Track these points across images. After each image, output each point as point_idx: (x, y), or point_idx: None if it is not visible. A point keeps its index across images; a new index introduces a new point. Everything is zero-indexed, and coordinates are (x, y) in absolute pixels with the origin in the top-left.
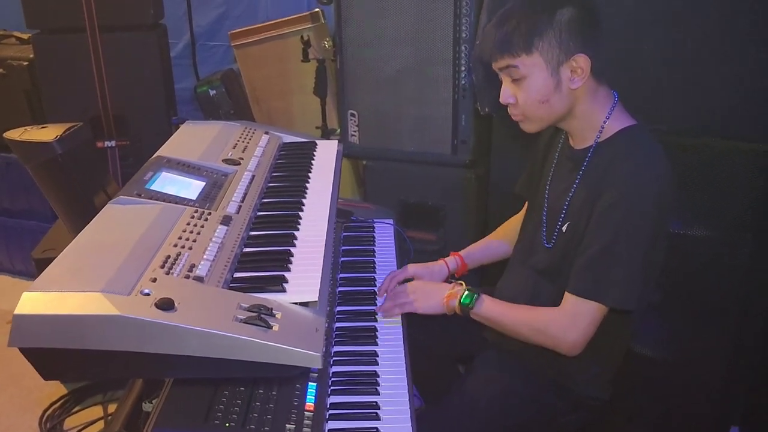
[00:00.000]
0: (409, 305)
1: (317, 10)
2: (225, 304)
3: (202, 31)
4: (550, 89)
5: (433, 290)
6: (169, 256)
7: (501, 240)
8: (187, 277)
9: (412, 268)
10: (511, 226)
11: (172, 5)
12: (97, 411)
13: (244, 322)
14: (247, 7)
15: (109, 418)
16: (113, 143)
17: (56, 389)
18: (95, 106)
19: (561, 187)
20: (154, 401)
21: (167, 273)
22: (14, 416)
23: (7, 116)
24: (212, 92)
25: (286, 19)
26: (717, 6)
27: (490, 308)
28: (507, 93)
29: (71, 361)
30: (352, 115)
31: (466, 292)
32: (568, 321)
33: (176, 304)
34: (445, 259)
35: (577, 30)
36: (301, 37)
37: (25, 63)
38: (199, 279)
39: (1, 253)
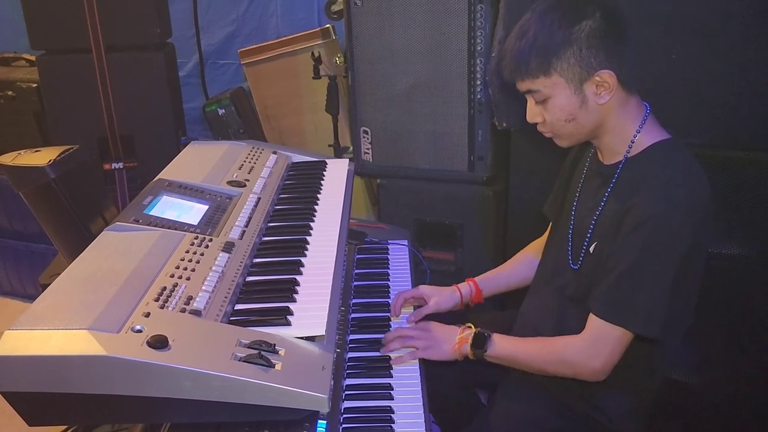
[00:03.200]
0: (421, 352)
1: (328, 26)
2: (223, 341)
3: (211, 49)
4: (575, 107)
5: (443, 337)
6: (164, 288)
7: (526, 258)
8: (183, 311)
9: (423, 289)
10: (533, 249)
11: (182, 24)
12: None
13: (244, 361)
14: (257, 24)
15: None
16: (120, 165)
17: None
18: (102, 127)
19: (588, 205)
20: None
21: (162, 307)
22: None
23: (16, 138)
24: (221, 111)
25: (297, 35)
26: (747, 15)
27: (504, 347)
28: (533, 113)
29: (57, 406)
30: (365, 132)
31: (476, 335)
32: (590, 346)
33: (170, 342)
34: (459, 285)
35: (599, 44)
36: (312, 53)
37: (34, 85)
38: (196, 313)
39: (13, 278)
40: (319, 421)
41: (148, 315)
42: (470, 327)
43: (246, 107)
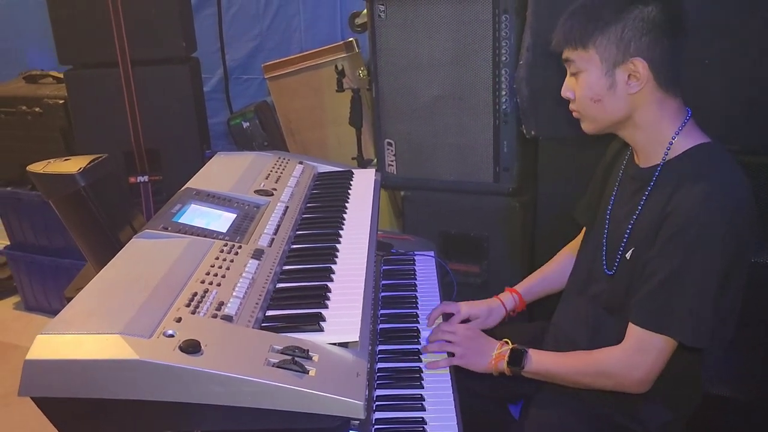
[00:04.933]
0: (458, 359)
1: (351, 39)
2: (256, 347)
3: (235, 64)
4: (602, 89)
5: (481, 349)
6: (195, 294)
7: (561, 264)
8: (215, 316)
9: (465, 308)
10: (566, 255)
11: (206, 40)
12: None
13: (277, 366)
14: (280, 39)
15: None
16: (146, 178)
17: None
18: (128, 141)
19: (624, 210)
20: None
21: (193, 312)
22: None
23: (43, 154)
24: (245, 124)
25: (320, 49)
26: None
27: (541, 362)
28: (567, 86)
29: (89, 413)
30: (389, 144)
31: (513, 352)
32: (632, 356)
33: (203, 347)
34: (500, 296)
35: (645, 32)
36: (336, 66)
37: (61, 101)
38: (228, 318)
39: (38, 292)
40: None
41: (179, 320)
42: (507, 343)
43: (270, 121)
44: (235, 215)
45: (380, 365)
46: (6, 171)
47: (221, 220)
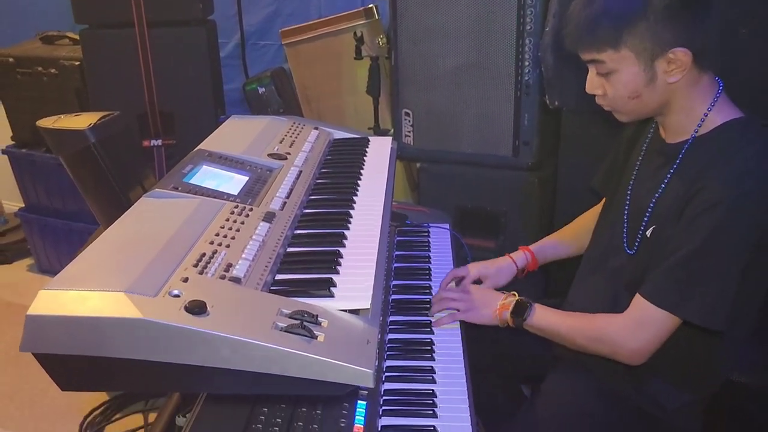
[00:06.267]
0: (462, 314)
1: (371, 5)
2: (264, 310)
3: (252, 30)
4: (641, 85)
5: (485, 301)
6: (204, 254)
7: (577, 231)
8: (223, 277)
9: (475, 269)
10: (591, 216)
11: (223, 5)
12: (137, 419)
13: (285, 331)
14: (299, 4)
15: (149, 427)
16: (159, 142)
17: (99, 395)
18: (142, 103)
19: (647, 186)
20: (187, 415)
21: (201, 273)
22: (55, 421)
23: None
24: (261, 90)
25: (339, 15)
26: None
27: (544, 318)
28: (594, 84)
29: (90, 371)
30: (407, 114)
31: (518, 303)
32: (632, 326)
33: (209, 308)
34: (513, 254)
35: (676, 17)
36: (354, 33)
37: (77, 63)
38: (236, 280)
39: (51, 255)
40: (359, 402)
41: (186, 280)
42: (514, 295)
43: (286, 87)
44: (247, 178)
45: (391, 336)
46: (21, 133)
47: (233, 182)
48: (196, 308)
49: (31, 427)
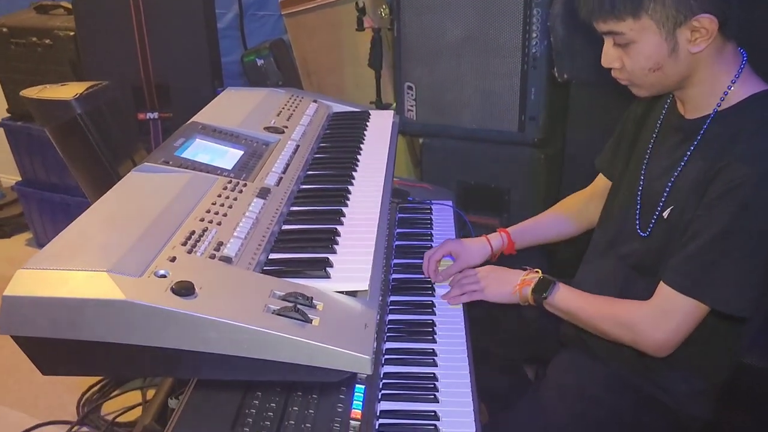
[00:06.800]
0: (479, 293)
1: None
2: (255, 291)
3: (251, 0)
4: (663, 55)
5: (505, 277)
6: (193, 232)
7: (559, 214)
8: (213, 257)
9: (450, 245)
10: (574, 201)
11: None
12: (135, 396)
13: (277, 314)
14: None
15: (147, 404)
16: (155, 115)
17: None
18: (137, 75)
19: (663, 165)
20: (180, 397)
21: (189, 252)
22: (54, 397)
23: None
24: (260, 62)
25: None
26: None
27: (567, 298)
28: (610, 57)
29: (72, 355)
30: (410, 88)
31: (541, 280)
32: (658, 316)
33: (197, 289)
34: (489, 235)
35: None
36: (356, 4)
37: (71, 33)
38: (227, 260)
39: (50, 230)
40: (357, 386)
41: (173, 260)
42: (537, 271)
43: (286, 59)
44: (242, 152)
45: (391, 317)
46: (16, 105)
47: (227, 156)
48: (183, 289)
49: (30, 403)
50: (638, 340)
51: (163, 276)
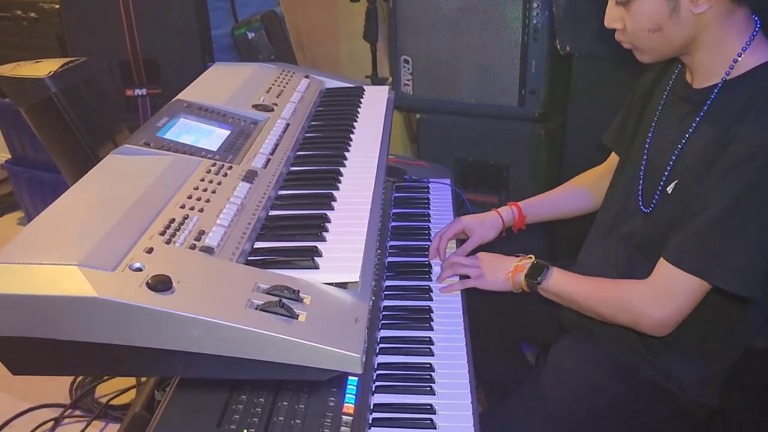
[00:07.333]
0: (473, 281)
1: None
2: (238, 285)
3: None
4: (662, 15)
5: (499, 264)
6: (173, 220)
7: (576, 187)
8: (193, 247)
9: (465, 221)
10: (591, 176)
11: None
12: (129, 379)
13: (261, 310)
14: None
15: (140, 387)
16: (144, 91)
17: None
18: (124, 50)
19: (669, 137)
20: (167, 389)
21: (168, 242)
22: (45, 380)
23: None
24: (251, 35)
25: None
26: None
27: (561, 282)
28: (612, 16)
29: (43, 355)
30: (406, 61)
31: (534, 265)
32: (657, 294)
33: (174, 284)
34: (500, 209)
35: None
36: None
37: (57, 6)
38: (208, 250)
39: (40, 209)
40: (350, 378)
41: (150, 251)
42: (530, 257)
43: (278, 32)
44: (229, 132)
45: (386, 303)
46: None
47: (213, 136)
48: (160, 284)
49: (21, 387)
50: (638, 320)
51: (139, 269)
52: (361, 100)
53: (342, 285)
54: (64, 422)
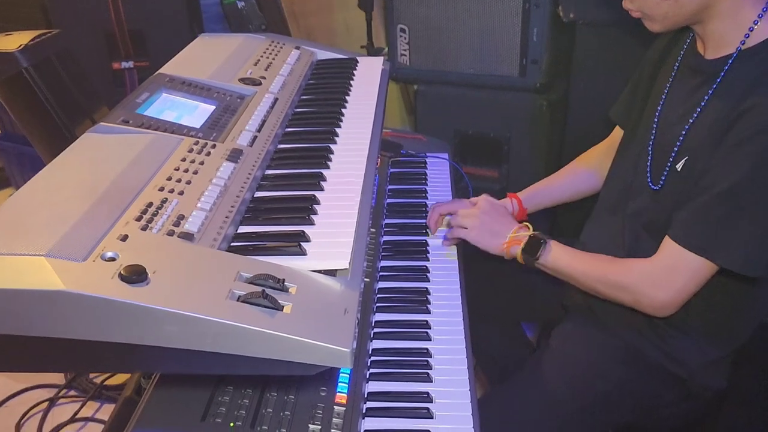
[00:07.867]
0: (468, 232)
1: None
2: (219, 274)
3: None
4: None
5: (496, 228)
6: (150, 204)
7: (578, 169)
8: (171, 233)
9: (461, 204)
10: (593, 154)
11: None
12: None
13: (243, 301)
14: None
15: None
16: (131, 64)
17: None
18: (109, 21)
19: (679, 111)
20: (152, 376)
21: (144, 228)
22: None
23: None
24: (240, 4)
25: None
26: None
27: (560, 259)
28: None
29: (12, 351)
30: (402, 30)
31: (531, 240)
32: (661, 274)
33: (149, 275)
34: (500, 201)
35: None
36: None
37: None
38: (188, 237)
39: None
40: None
41: (125, 239)
42: (527, 227)
43: (269, 1)
44: (214, 107)
45: (381, 284)
46: None
47: (196, 113)
48: (134, 275)
49: (14, 373)
50: (639, 300)
51: (112, 259)
52: (354, 72)
53: (331, 272)
54: (59, 402)
